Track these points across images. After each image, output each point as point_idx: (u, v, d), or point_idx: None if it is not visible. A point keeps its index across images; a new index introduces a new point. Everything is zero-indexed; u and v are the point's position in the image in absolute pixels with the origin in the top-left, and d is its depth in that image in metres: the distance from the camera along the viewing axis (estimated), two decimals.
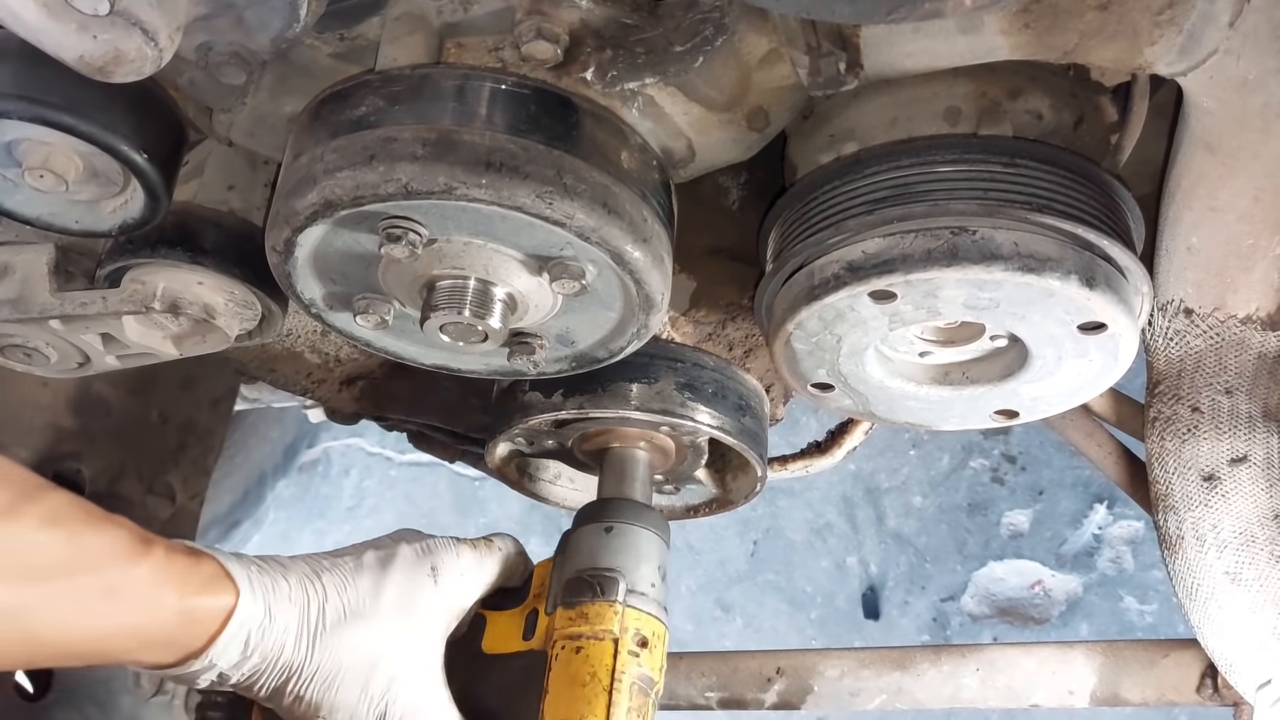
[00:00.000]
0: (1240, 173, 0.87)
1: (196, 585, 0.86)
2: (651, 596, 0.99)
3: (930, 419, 1.06)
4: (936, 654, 1.36)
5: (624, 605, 0.97)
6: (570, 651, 0.96)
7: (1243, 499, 1.06)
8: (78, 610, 0.81)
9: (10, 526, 0.77)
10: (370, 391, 1.39)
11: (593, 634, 0.96)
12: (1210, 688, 1.25)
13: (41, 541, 0.79)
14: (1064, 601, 2.65)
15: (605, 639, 0.95)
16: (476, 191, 0.78)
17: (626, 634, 0.96)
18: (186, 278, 1.03)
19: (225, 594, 0.87)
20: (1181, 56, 0.78)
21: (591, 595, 0.97)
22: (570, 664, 0.95)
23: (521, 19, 0.82)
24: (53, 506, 0.80)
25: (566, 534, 1.06)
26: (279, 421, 2.81)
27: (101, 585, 0.81)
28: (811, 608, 2.84)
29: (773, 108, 0.90)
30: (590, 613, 0.97)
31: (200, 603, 0.86)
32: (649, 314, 0.91)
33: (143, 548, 0.84)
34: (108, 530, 0.83)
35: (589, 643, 0.95)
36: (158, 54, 0.73)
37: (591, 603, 0.97)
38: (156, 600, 0.83)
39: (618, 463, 1.11)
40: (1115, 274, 0.88)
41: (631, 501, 1.07)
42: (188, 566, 0.86)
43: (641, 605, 0.97)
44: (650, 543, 1.02)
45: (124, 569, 0.82)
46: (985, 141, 0.90)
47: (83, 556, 0.81)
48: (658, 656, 0.98)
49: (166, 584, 0.84)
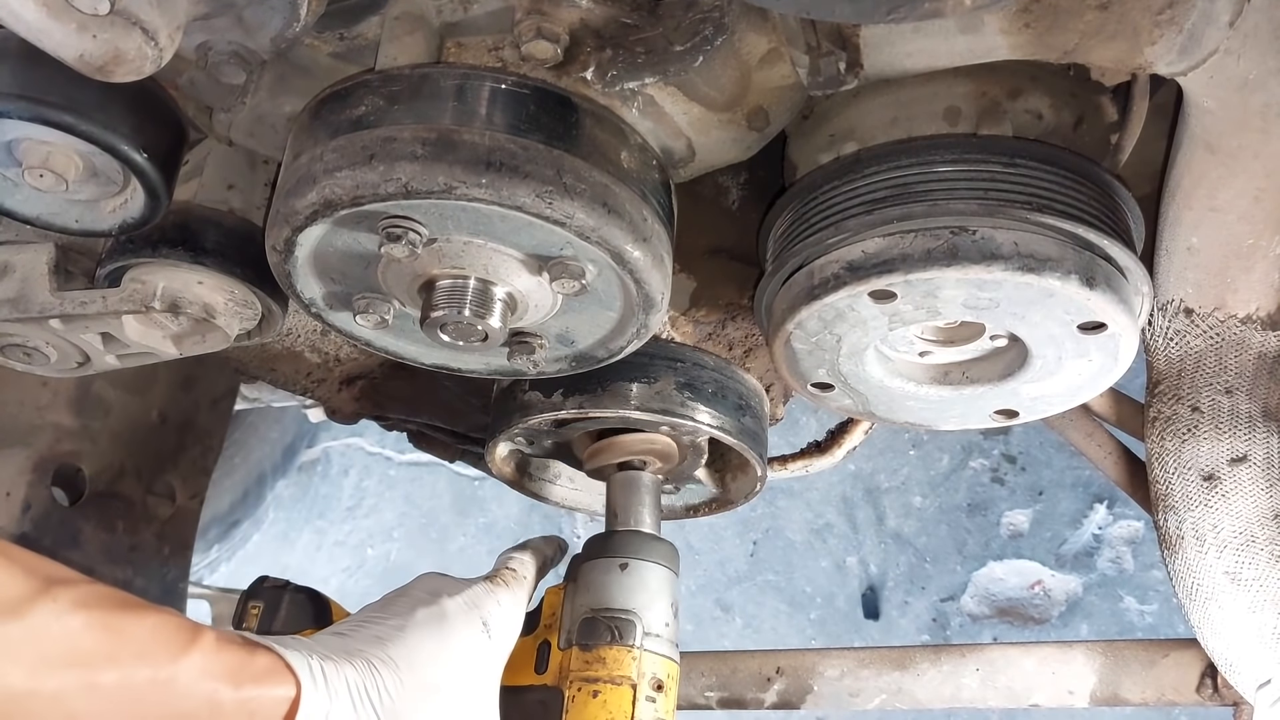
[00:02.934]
0: (1240, 173, 0.87)
1: (253, 676, 0.80)
2: (665, 637, 1.01)
3: (930, 419, 1.06)
4: (936, 654, 1.36)
5: (641, 650, 0.99)
6: (587, 695, 0.97)
7: (1243, 499, 1.06)
8: (126, 702, 0.73)
9: (41, 612, 0.70)
10: (370, 391, 1.39)
11: (610, 679, 0.98)
12: (1210, 687, 1.26)
13: (77, 628, 0.71)
14: (1064, 601, 2.65)
15: (623, 684, 0.97)
16: (476, 191, 0.78)
17: (644, 679, 0.98)
18: (186, 277, 1.03)
19: (285, 685, 0.81)
20: (1182, 56, 0.78)
21: (609, 639, 0.99)
22: (587, 708, 0.97)
23: (521, 19, 0.82)
24: (86, 592, 0.73)
25: (577, 561, 1.07)
26: (279, 421, 2.82)
27: (149, 676, 0.74)
28: (811, 608, 2.84)
29: (772, 107, 0.90)
30: (608, 658, 0.98)
31: (260, 693, 0.80)
32: (649, 314, 0.91)
33: (191, 636, 0.77)
34: (150, 617, 0.76)
35: (606, 688, 0.97)
36: (158, 54, 0.73)
37: (609, 647, 0.99)
38: (212, 693, 0.77)
39: (627, 487, 1.12)
40: (1115, 274, 0.88)
41: (645, 535, 1.08)
42: (242, 657, 0.80)
43: (657, 648, 0.99)
44: (663, 579, 1.04)
45: (173, 658, 0.75)
46: (985, 141, 0.90)
47: (127, 644, 0.73)
48: (672, 698, 1.00)
49: (221, 676, 0.78)
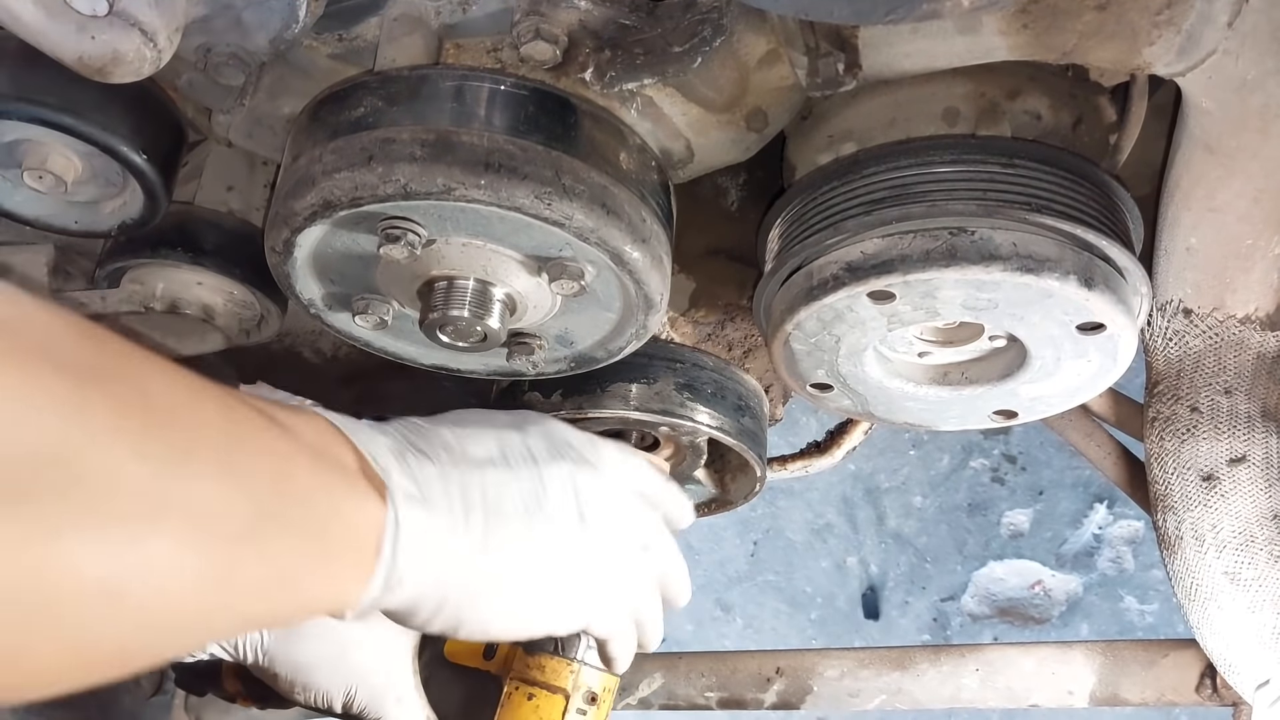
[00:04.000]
0: (1239, 173, 0.87)
1: None
2: None
3: (929, 419, 1.06)
4: (936, 654, 1.36)
5: (580, 664, 1.05)
6: (523, 696, 1.04)
7: (1242, 499, 1.06)
8: None
9: None
10: (369, 392, 1.39)
11: (545, 685, 1.04)
12: (1209, 688, 1.26)
13: None
14: (1064, 601, 2.66)
15: (557, 694, 1.04)
16: (475, 192, 0.78)
17: (578, 692, 1.04)
18: (186, 278, 1.04)
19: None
20: (1180, 57, 0.78)
21: (552, 649, 1.05)
22: (520, 709, 1.04)
23: (520, 20, 0.82)
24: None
25: None
26: None
27: None
28: (811, 608, 2.84)
29: (771, 108, 0.90)
30: (547, 666, 1.05)
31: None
32: (648, 314, 0.91)
33: None
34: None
35: (541, 693, 1.04)
36: (156, 55, 0.73)
37: (550, 656, 1.05)
38: None
39: None
40: (1114, 274, 0.88)
41: None
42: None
43: (597, 661, 1.02)
44: None
45: None
46: (984, 142, 0.90)
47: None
48: (604, 708, 1.06)
49: None
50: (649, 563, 0.80)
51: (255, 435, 0.58)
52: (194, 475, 0.51)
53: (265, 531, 0.55)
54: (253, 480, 0.55)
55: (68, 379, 0.47)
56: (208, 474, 0.52)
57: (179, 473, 0.50)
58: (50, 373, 0.46)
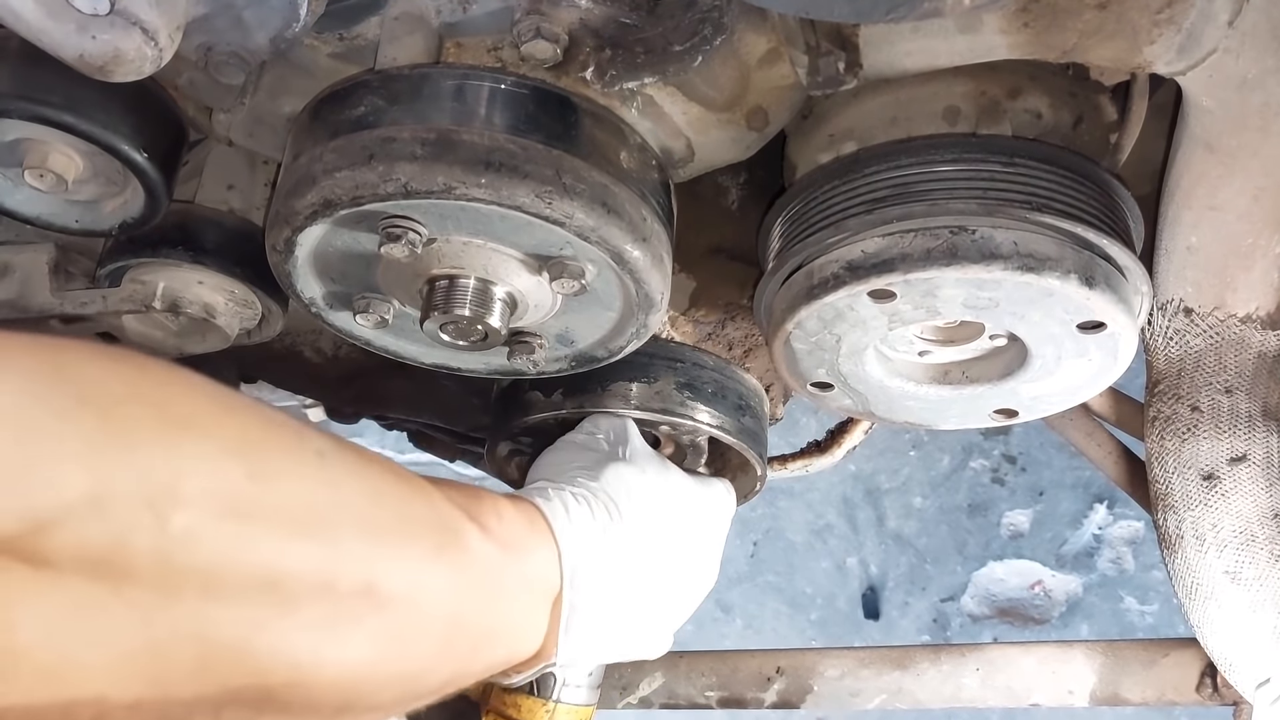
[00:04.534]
0: (1240, 172, 0.87)
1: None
2: (586, 685, 1.09)
3: (930, 418, 1.06)
4: (936, 654, 1.36)
5: (556, 703, 1.08)
6: None
7: (1242, 498, 1.06)
8: None
9: None
10: (370, 391, 1.39)
11: None
12: (1210, 687, 1.26)
13: None
14: (1064, 602, 2.66)
15: None
16: (476, 191, 0.78)
17: None
18: (186, 277, 1.03)
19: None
20: (1180, 56, 0.78)
21: (528, 690, 1.08)
22: None
23: (520, 19, 0.82)
24: None
25: None
26: None
27: None
28: (811, 608, 2.84)
29: (772, 107, 0.90)
30: (523, 705, 1.08)
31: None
32: (648, 313, 0.91)
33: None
34: None
35: None
36: (157, 54, 0.73)
37: (526, 696, 1.08)
38: None
39: None
40: (1114, 273, 0.88)
41: None
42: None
43: (573, 698, 1.07)
44: None
45: None
46: (984, 141, 0.90)
47: None
48: None
49: None
50: None
51: None
52: None
53: None
54: None
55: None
56: None
57: None
58: None
